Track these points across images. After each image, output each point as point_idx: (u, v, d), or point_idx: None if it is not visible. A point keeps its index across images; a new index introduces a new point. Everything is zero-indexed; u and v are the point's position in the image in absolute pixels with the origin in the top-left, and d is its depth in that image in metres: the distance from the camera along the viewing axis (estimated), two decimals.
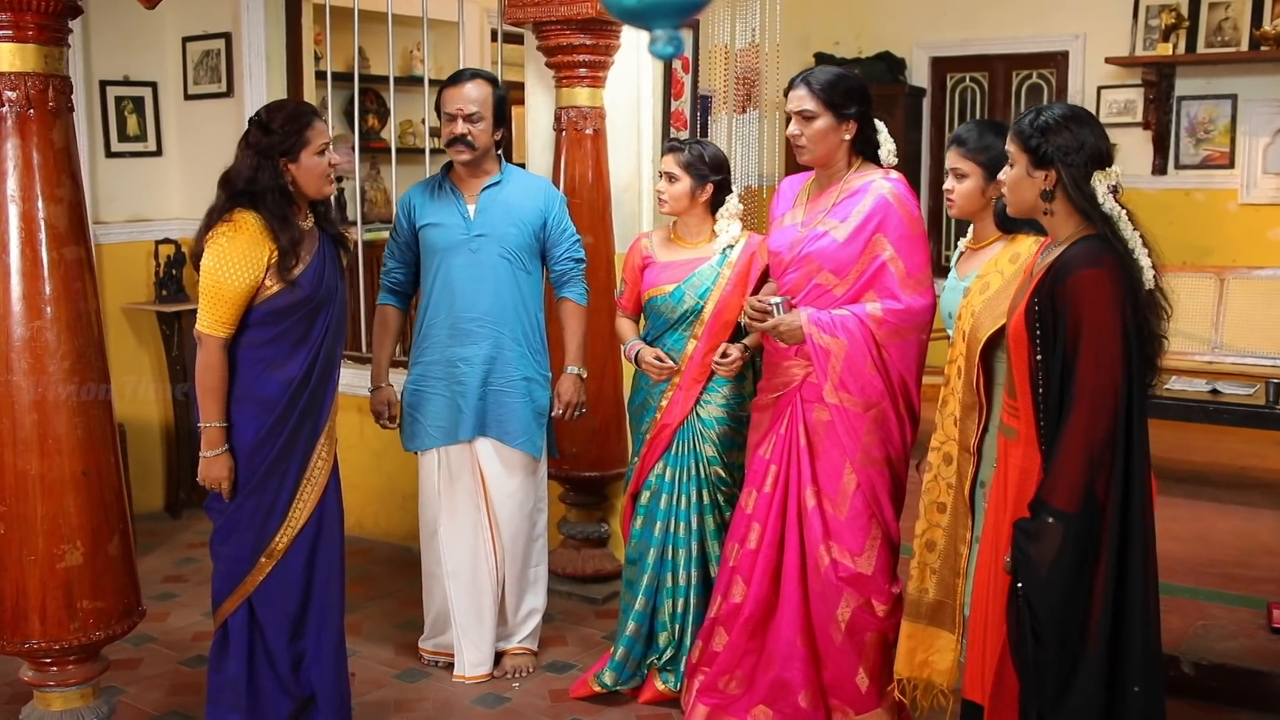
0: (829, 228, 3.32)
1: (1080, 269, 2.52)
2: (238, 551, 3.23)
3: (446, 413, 3.87)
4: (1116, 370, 2.50)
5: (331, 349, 3.26)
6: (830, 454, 3.33)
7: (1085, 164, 2.57)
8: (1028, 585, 2.53)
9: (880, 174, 3.35)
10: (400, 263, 3.97)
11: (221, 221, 3.10)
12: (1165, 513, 5.25)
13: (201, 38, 5.55)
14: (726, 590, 3.47)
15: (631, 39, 4.43)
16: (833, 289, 3.32)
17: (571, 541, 4.72)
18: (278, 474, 3.19)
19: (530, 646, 4.10)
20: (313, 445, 3.25)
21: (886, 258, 3.28)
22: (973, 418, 2.98)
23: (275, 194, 3.12)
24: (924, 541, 3.16)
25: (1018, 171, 2.65)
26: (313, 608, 3.32)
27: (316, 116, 3.22)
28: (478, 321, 3.83)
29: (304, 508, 3.24)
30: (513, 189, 3.91)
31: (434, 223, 3.87)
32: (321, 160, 3.18)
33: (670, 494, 3.71)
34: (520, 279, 3.89)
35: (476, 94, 3.79)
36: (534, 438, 3.93)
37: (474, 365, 3.83)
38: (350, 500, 5.36)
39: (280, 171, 3.13)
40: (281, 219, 3.11)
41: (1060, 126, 2.58)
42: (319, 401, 3.24)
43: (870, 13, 8.61)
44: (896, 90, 8.37)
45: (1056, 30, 8.02)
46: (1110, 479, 2.51)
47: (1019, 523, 2.57)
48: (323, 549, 3.31)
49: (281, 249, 3.09)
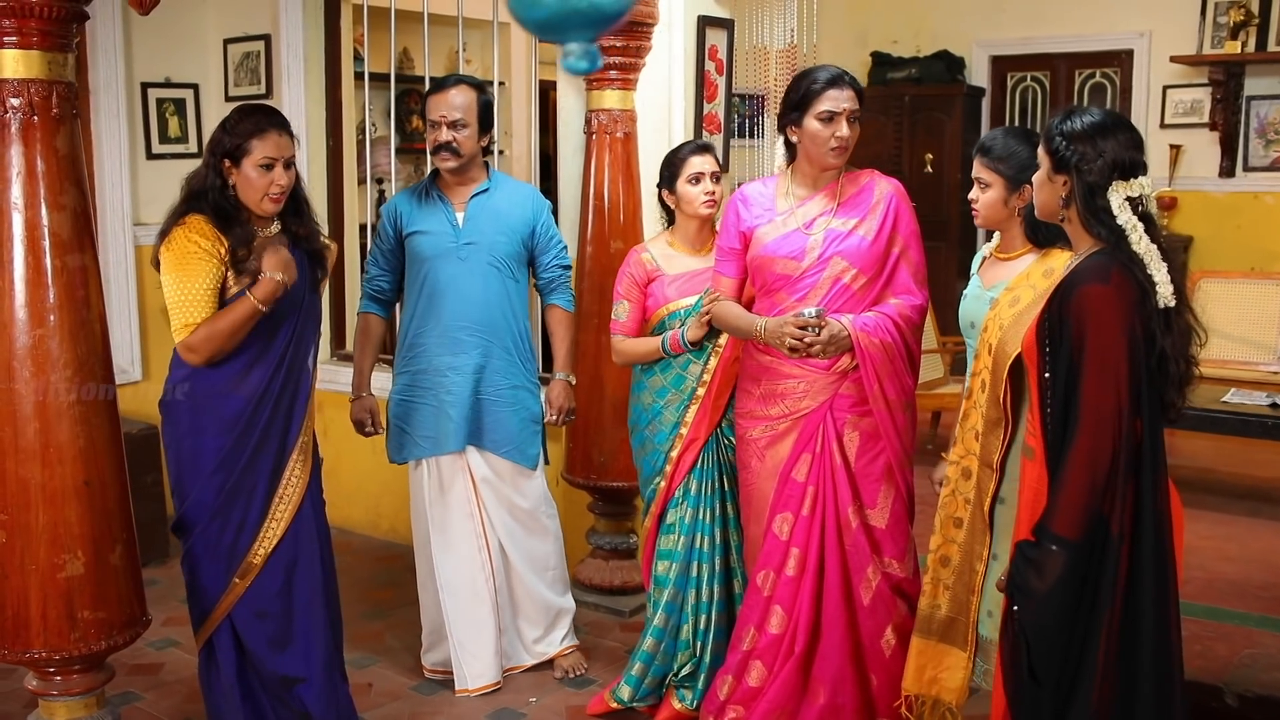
0: (851, 225, 3.25)
1: (1086, 284, 2.41)
2: (211, 571, 3.19)
3: (435, 422, 3.81)
4: (1122, 392, 2.38)
5: (296, 363, 3.20)
6: (868, 463, 3.26)
7: (1102, 174, 2.45)
8: (1023, 612, 2.44)
9: (871, 173, 3.36)
10: (384, 270, 3.92)
11: (175, 226, 3.06)
12: (1219, 530, 5.11)
13: (242, 39, 5.55)
14: (762, 621, 3.33)
15: (663, 40, 4.33)
16: (857, 290, 3.25)
17: (600, 552, 4.64)
18: (244, 492, 3.14)
19: (575, 643, 4.06)
20: (283, 461, 3.19)
21: (899, 253, 3.29)
22: (997, 433, 2.85)
23: (215, 193, 3.07)
24: (938, 557, 3.04)
25: (1041, 174, 2.56)
26: (297, 631, 3.25)
27: (276, 129, 3.11)
28: (467, 330, 3.78)
29: (277, 526, 3.19)
30: (501, 197, 3.86)
31: (422, 230, 3.82)
32: (264, 175, 3.08)
33: (695, 508, 3.61)
34: (509, 287, 3.84)
35: (461, 100, 3.73)
36: (523, 446, 3.87)
37: (464, 374, 3.78)
38: (382, 506, 5.40)
39: (222, 172, 3.08)
40: (224, 217, 3.05)
41: (1083, 133, 2.47)
42: (285, 416, 3.18)
43: (929, 10, 8.45)
44: (955, 90, 8.21)
45: (1121, 28, 7.81)
46: (1118, 505, 2.39)
47: (1021, 544, 2.47)
48: (302, 570, 3.24)
49: (230, 246, 3.03)
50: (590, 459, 4.42)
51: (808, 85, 3.22)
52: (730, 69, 4.53)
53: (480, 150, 3.82)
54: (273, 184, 3.09)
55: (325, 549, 3.34)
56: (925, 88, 8.27)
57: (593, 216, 4.35)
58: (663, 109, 4.45)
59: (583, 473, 4.46)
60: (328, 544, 3.36)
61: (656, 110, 4.43)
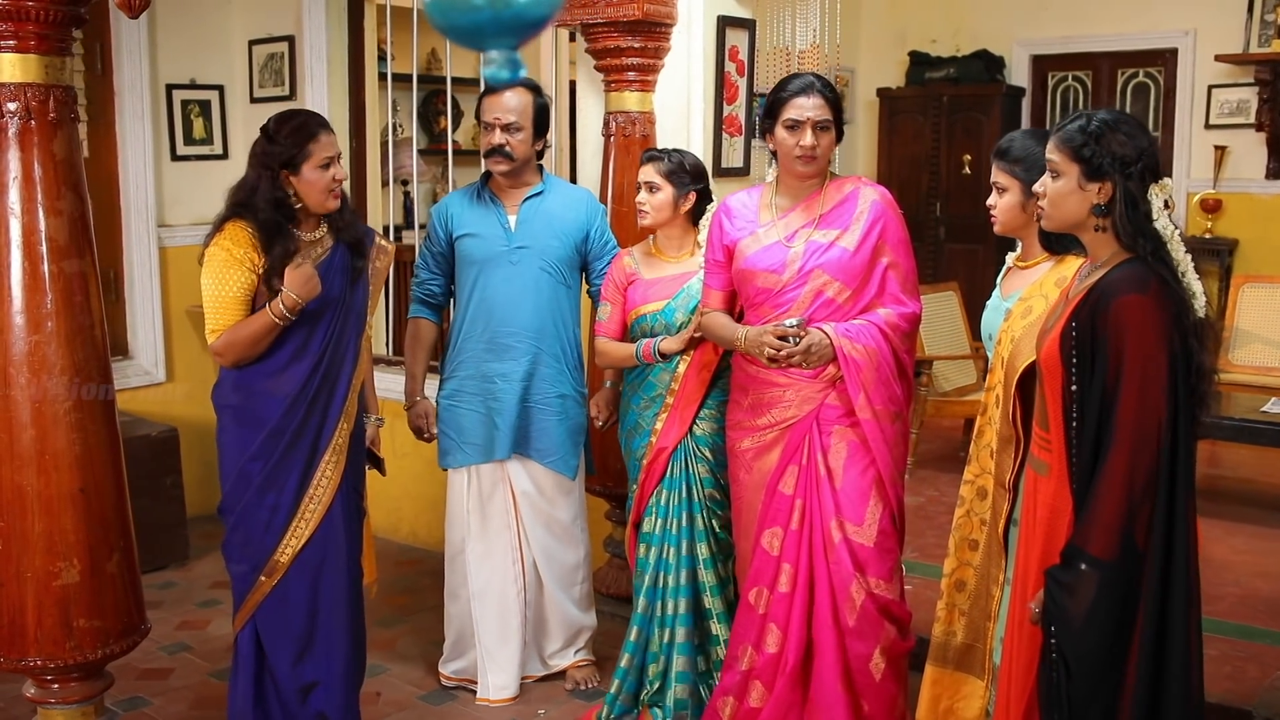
0: (832, 237, 3.17)
1: (1125, 294, 2.28)
2: (240, 566, 3.20)
3: (482, 429, 3.75)
4: (1161, 406, 2.26)
5: (334, 362, 3.18)
6: (854, 477, 3.16)
7: (1142, 178, 2.34)
8: (1062, 639, 2.32)
9: (856, 181, 3.28)
10: (435, 273, 3.86)
11: (216, 233, 3.09)
12: (1257, 545, 4.95)
13: (266, 40, 5.54)
14: (759, 640, 3.24)
15: (682, 41, 4.26)
16: (842, 303, 3.16)
17: (617, 560, 4.57)
18: (274, 489, 3.12)
19: (590, 657, 4.01)
20: (315, 461, 3.17)
21: (887, 263, 3.20)
22: (1009, 452, 2.76)
23: (270, 206, 3.07)
24: (953, 581, 2.94)
25: (1066, 183, 2.40)
26: (319, 634, 3.23)
27: (323, 129, 3.14)
28: (516, 336, 3.71)
29: (306, 525, 3.16)
30: (555, 200, 3.78)
31: (473, 233, 3.75)
32: (324, 174, 3.11)
33: (664, 519, 3.55)
34: (560, 293, 3.76)
35: (516, 103, 3.66)
36: (568, 457, 3.80)
37: (512, 381, 3.71)
38: (405, 509, 5.37)
39: (280, 183, 3.08)
40: (273, 232, 3.07)
41: (1115, 132, 2.34)
42: (320, 417, 3.16)
43: (968, 9, 8.31)
44: (993, 90, 8.07)
45: (1165, 26, 7.64)
46: (1152, 523, 2.27)
47: (1051, 571, 2.35)
48: (329, 572, 3.21)
49: (270, 264, 3.05)
50: (607, 466, 4.35)
51: (777, 93, 3.20)
52: (752, 70, 4.45)
53: (535, 154, 3.76)
54: (334, 180, 3.13)
55: (354, 554, 3.31)
56: (963, 87, 8.13)
57: (611, 220, 4.27)
58: (681, 111, 4.37)
59: (600, 480, 4.40)
60: (356, 549, 3.33)
61: (675, 112, 4.36)
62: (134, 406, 5.26)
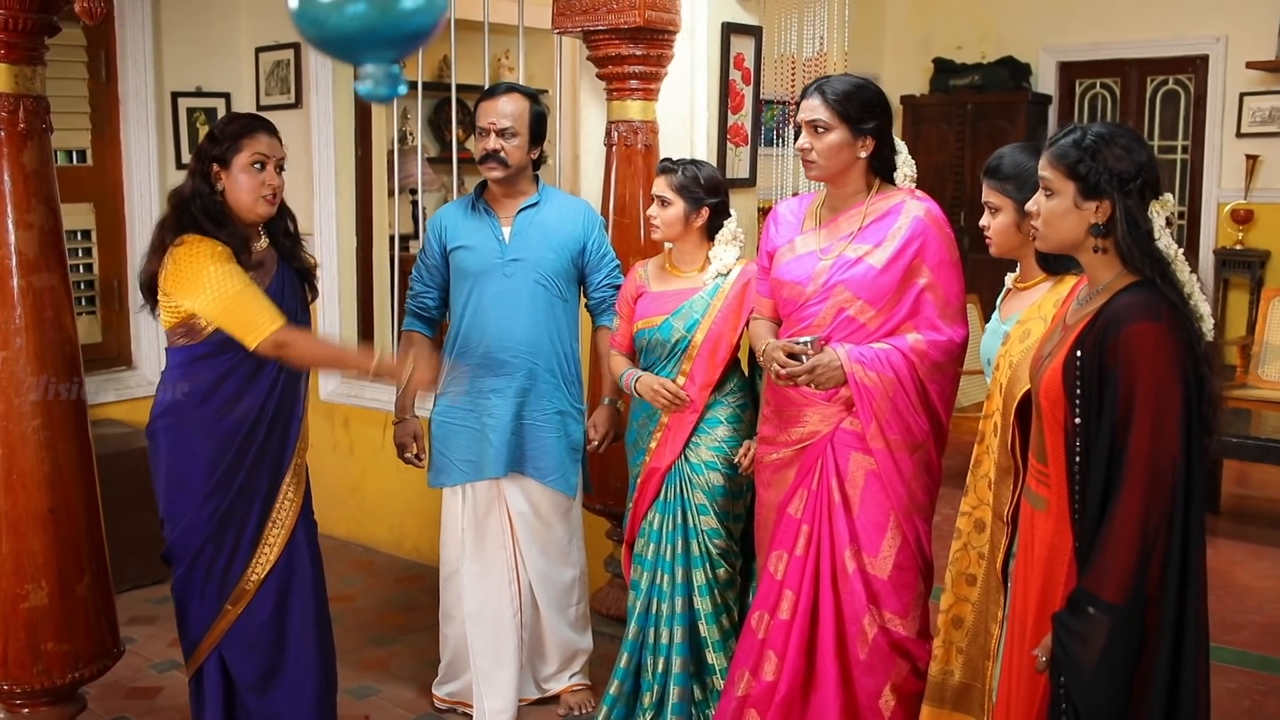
0: (861, 253, 3.00)
1: (1135, 322, 2.13)
2: (203, 599, 3.08)
3: (475, 447, 3.65)
4: (1175, 441, 2.12)
5: (290, 382, 3.07)
6: (871, 507, 3.01)
7: (1142, 195, 2.20)
8: (1073, 688, 2.18)
9: (907, 194, 3.06)
10: (429, 286, 3.77)
11: (173, 247, 2.92)
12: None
13: (273, 48, 5.48)
14: (756, 666, 3.13)
15: (685, 49, 4.15)
16: (866, 322, 3.00)
17: (618, 581, 4.47)
18: (237, 516, 3.03)
19: (585, 681, 3.89)
20: (276, 486, 3.08)
21: (924, 285, 2.99)
22: (1008, 483, 2.62)
23: (203, 199, 2.94)
24: (950, 618, 2.81)
25: (1060, 202, 2.25)
26: (288, 662, 3.13)
27: (264, 130, 3.01)
28: (511, 351, 3.60)
29: (270, 551, 3.08)
30: (550, 211, 3.68)
31: (466, 245, 3.66)
32: (254, 175, 2.96)
33: (657, 544, 3.44)
34: (556, 307, 3.66)
35: (511, 108, 3.57)
36: (568, 475, 3.69)
37: (506, 397, 3.61)
38: (408, 524, 5.28)
39: (211, 178, 2.96)
40: (213, 221, 2.93)
41: (1112, 147, 2.20)
42: (280, 440, 3.07)
43: (994, 15, 8.17)
44: (1019, 98, 7.92)
45: (1196, 32, 7.47)
46: (1166, 564, 2.13)
47: (1058, 616, 2.21)
48: (295, 597, 3.12)
49: (225, 243, 2.91)
50: (607, 484, 4.25)
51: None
52: (758, 78, 4.33)
53: (530, 163, 3.66)
54: (264, 184, 2.98)
55: (318, 574, 3.22)
56: (988, 95, 7.99)
57: (612, 232, 4.17)
58: (685, 120, 4.26)
59: (600, 498, 4.30)
60: (320, 569, 3.24)
61: (678, 121, 4.25)
62: (137, 417, 5.19)
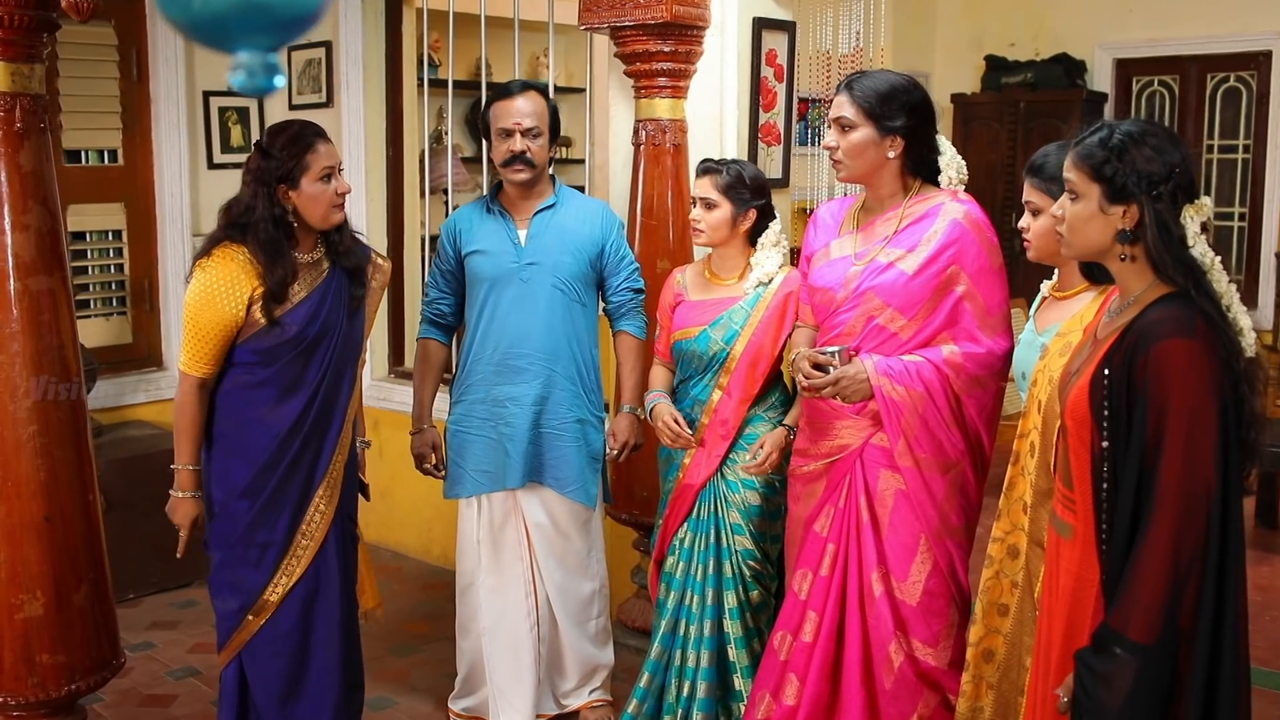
0: (893, 258, 2.85)
1: (1167, 338, 1.97)
2: (226, 605, 3.01)
3: (492, 457, 3.53)
4: (1211, 468, 1.95)
5: (331, 393, 2.99)
6: (900, 529, 2.85)
7: (1174, 199, 2.04)
8: None
9: (948, 196, 2.89)
10: (444, 292, 3.66)
11: (205, 254, 2.89)
12: None
13: (305, 46, 5.41)
14: (777, 689, 2.99)
15: (715, 45, 4.01)
16: (898, 331, 2.84)
17: (644, 592, 4.34)
18: (265, 526, 2.94)
19: (605, 697, 3.77)
20: (308, 496, 2.99)
21: (962, 293, 2.83)
22: (1047, 506, 2.46)
23: (269, 225, 2.87)
24: (980, 651, 2.63)
25: (1086, 206, 2.10)
26: (310, 674, 3.04)
27: (320, 139, 2.95)
28: (528, 358, 3.49)
29: (298, 563, 2.99)
30: (567, 213, 3.56)
31: (481, 249, 3.55)
32: (325, 187, 2.92)
33: (688, 562, 3.30)
34: (574, 311, 3.54)
35: (532, 107, 3.46)
36: (588, 485, 3.57)
37: (523, 406, 3.49)
38: (436, 531, 5.19)
39: (278, 200, 2.88)
40: (272, 253, 2.86)
41: (1141, 147, 2.04)
42: (315, 450, 2.98)
43: (1049, 11, 7.93)
44: (1073, 95, 7.67)
45: (1257, 27, 7.19)
46: (1200, 600, 1.97)
47: (1081, 655, 2.04)
48: (321, 609, 3.04)
49: (268, 287, 2.84)
50: (633, 494, 4.13)
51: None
52: (791, 75, 4.19)
53: (549, 162, 3.56)
54: (335, 193, 2.95)
55: (348, 590, 3.14)
56: (1041, 93, 7.76)
57: (640, 234, 4.05)
58: (715, 119, 4.13)
59: (626, 508, 4.18)
60: (352, 585, 3.16)
61: (708, 120, 4.12)
62: (167, 418, 5.12)
